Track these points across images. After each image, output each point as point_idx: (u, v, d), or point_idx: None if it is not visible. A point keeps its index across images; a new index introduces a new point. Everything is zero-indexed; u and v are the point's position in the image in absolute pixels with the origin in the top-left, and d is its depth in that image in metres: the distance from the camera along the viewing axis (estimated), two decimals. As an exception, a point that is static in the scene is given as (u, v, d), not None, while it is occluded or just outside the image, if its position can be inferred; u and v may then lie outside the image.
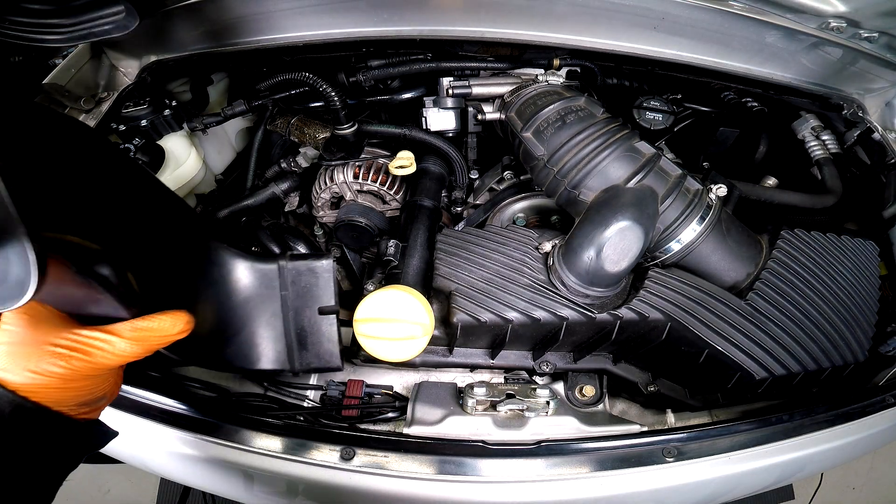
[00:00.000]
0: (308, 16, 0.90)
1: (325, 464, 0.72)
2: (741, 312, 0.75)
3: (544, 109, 0.88)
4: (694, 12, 0.85)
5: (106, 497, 1.91)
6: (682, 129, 1.22)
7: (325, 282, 0.71)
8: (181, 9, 0.87)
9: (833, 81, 1.03)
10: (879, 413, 0.81)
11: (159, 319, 0.57)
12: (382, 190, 1.12)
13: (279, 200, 1.22)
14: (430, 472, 0.72)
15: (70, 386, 0.53)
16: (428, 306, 0.74)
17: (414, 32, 0.91)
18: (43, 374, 0.51)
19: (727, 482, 0.76)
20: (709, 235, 0.80)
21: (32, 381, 0.51)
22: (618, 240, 0.72)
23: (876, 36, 0.84)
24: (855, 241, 0.88)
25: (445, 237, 0.88)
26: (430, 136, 1.08)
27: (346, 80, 1.09)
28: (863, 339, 0.79)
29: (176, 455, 0.77)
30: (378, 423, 0.84)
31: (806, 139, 1.13)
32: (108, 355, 0.54)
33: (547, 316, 0.77)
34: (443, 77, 1.05)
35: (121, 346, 0.54)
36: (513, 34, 0.92)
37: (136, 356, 0.56)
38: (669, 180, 0.81)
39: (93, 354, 0.53)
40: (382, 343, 0.73)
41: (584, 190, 0.81)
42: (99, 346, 0.53)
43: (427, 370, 0.92)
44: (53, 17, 0.75)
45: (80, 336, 0.53)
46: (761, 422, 0.77)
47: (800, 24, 0.84)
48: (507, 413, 0.80)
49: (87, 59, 1.01)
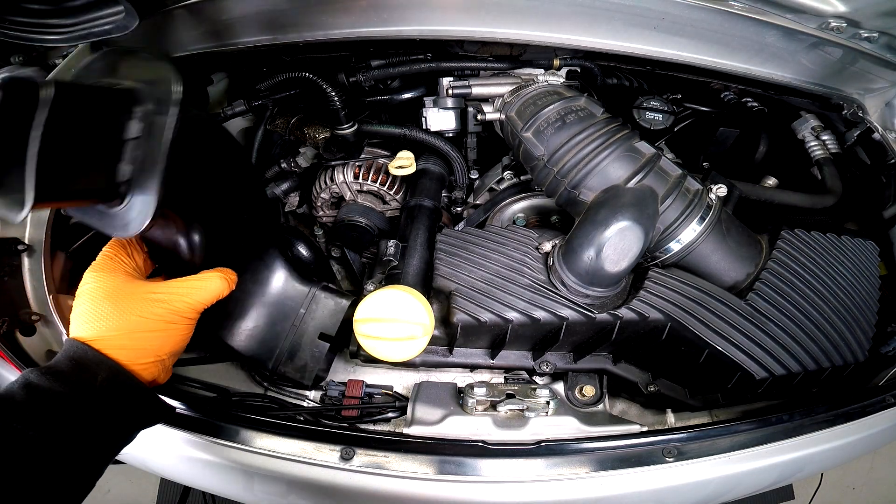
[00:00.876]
0: (308, 16, 0.90)
1: (325, 464, 0.72)
2: (741, 312, 0.75)
3: (544, 109, 0.88)
4: (694, 12, 0.85)
5: (106, 497, 1.91)
6: (682, 129, 1.22)
7: (336, 317, 0.84)
8: (181, 9, 0.87)
9: (833, 81, 1.03)
10: (879, 413, 0.81)
11: (227, 271, 0.67)
12: (382, 190, 1.12)
13: (279, 200, 1.22)
14: (430, 472, 0.72)
15: (170, 331, 0.61)
16: (428, 306, 0.74)
17: (414, 32, 0.91)
18: (147, 317, 0.59)
19: (727, 482, 0.76)
20: (709, 235, 0.80)
21: (137, 328, 0.58)
22: (618, 240, 0.72)
23: (876, 36, 0.84)
24: (855, 241, 0.88)
25: (445, 237, 0.88)
26: (430, 136, 1.08)
27: (346, 80, 1.09)
28: (863, 339, 0.79)
29: (176, 455, 0.77)
30: (378, 423, 0.84)
31: (806, 139, 1.13)
32: (204, 294, 0.63)
33: (547, 316, 0.77)
34: (443, 77, 1.05)
35: (214, 285, 0.64)
36: (513, 34, 0.91)
37: (222, 296, 0.65)
38: (669, 180, 0.81)
39: (191, 295, 0.62)
40: (382, 343, 0.73)
41: (584, 190, 0.81)
42: (196, 287, 0.63)
43: (427, 370, 0.93)
44: (53, 17, 0.74)
45: (174, 283, 0.62)
46: (761, 422, 0.77)
47: (800, 24, 0.84)
48: (507, 413, 0.80)
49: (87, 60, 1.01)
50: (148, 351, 0.60)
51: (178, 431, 0.76)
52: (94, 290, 0.59)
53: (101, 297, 0.59)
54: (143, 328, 0.59)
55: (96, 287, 0.60)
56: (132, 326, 0.58)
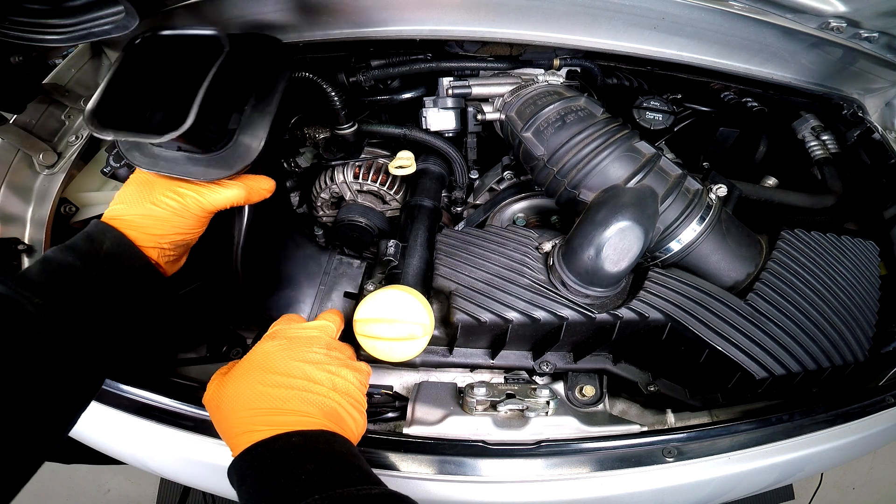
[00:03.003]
0: (307, 16, 0.90)
1: (325, 464, 0.72)
2: (741, 312, 0.75)
3: (544, 109, 0.88)
4: (694, 12, 0.85)
5: (106, 497, 1.91)
6: (682, 129, 1.22)
7: (355, 274, 1.00)
8: (181, 9, 0.87)
9: (833, 81, 1.03)
10: (879, 413, 0.81)
11: (258, 177, 0.73)
12: (382, 190, 1.12)
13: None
14: (430, 472, 0.72)
15: (175, 221, 0.66)
16: (428, 306, 0.74)
17: (414, 32, 0.91)
18: (158, 204, 0.65)
19: (727, 482, 0.76)
20: (709, 235, 0.80)
21: (148, 211, 0.64)
22: (618, 240, 0.72)
23: (876, 36, 0.84)
24: (855, 241, 0.88)
25: (445, 237, 0.88)
26: (430, 136, 1.08)
27: (346, 80, 1.09)
28: (863, 339, 0.79)
29: (176, 455, 0.77)
30: (378, 423, 0.84)
31: (806, 139, 1.13)
32: (217, 198, 0.68)
33: (547, 316, 0.77)
34: (443, 77, 1.05)
35: (231, 192, 0.69)
36: (513, 34, 0.91)
37: (238, 200, 0.71)
38: (669, 180, 0.81)
39: (204, 195, 0.67)
40: (382, 343, 0.73)
41: (584, 190, 0.81)
42: (212, 190, 0.68)
43: (427, 370, 0.92)
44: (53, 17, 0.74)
45: (195, 184, 0.67)
46: (761, 422, 0.77)
47: (800, 24, 0.84)
48: (508, 413, 0.80)
49: (87, 59, 1.01)
50: (149, 234, 0.64)
51: (179, 431, 0.76)
52: (130, 179, 0.68)
53: (130, 182, 0.68)
54: (151, 213, 0.64)
55: (133, 177, 0.69)
56: (142, 209, 0.64)
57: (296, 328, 0.67)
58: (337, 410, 0.59)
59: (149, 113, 0.64)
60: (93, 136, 0.95)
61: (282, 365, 0.60)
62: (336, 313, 0.74)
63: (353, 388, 0.62)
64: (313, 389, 0.58)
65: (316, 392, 0.58)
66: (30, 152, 0.89)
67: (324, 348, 0.64)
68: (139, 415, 0.77)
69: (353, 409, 0.61)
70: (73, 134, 0.95)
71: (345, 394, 0.61)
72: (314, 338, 0.65)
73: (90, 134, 0.95)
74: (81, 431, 0.82)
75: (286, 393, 0.57)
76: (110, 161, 0.92)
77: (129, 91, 0.61)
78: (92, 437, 0.82)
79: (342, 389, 0.61)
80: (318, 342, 0.65)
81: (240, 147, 0.67)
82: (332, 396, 0.59)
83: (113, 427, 0.78)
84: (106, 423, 0.78)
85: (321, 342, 0.65)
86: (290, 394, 0.57)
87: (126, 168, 0.90)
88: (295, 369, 0.59)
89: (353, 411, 0.61)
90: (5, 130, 0.87)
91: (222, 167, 0.66)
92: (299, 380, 0.58)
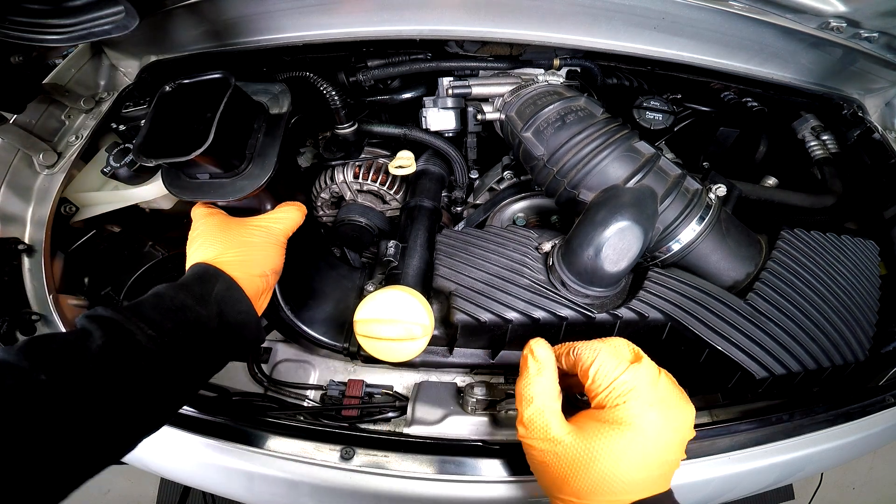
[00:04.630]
0: (308, 16, 0.90)
1: (325, 463, 0.72)
2: (741, 312, 0.75)
3: (544, 109, 0.88)
4: (694, 12, 0.85)
5: (106, 497, 1.91)
6: (682, 129, 1.22)
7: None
8: (181, 9, 0.87)
9: (833, 81, 1.03)
10: (879, 413, 0.81)
11: (298, 204, 0.84)
12: (382, 190, 1.12)
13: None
14: (430, 471, 0.72)
15: (264, 253, 0.75)
16: (428, 306, 0.74)
17: (414, 32, 0.91)
18: (252, 238, 0.75)
19: (727, 482, 0.76)
20: (708, 235, 0.80)
21: (246, 249, 0.73)
22: (617, 240, 0.72)
23: (876, 36, 0.84)
24: (855, 241, 0.88)
25: (445, 237, 0.88)
26: (430, 135, 1.08)
27: (346, 80, 1.09)
28: (863, 339, 0.79)
29: (176, 455, 0.77)
30: (378, 422, 0.84)
31: (806, 139, 1.13)
32: (290, 222, 0.80)
33: (547, 316, 0.77)
34: (443, 77, 1.05)
35: (295, 215, 0.81)
36: (513, 34, 0.92)
37: (301, 219, 0.82)
38: (669, 180, 0.81)
39: (281, 221, 0.79)
40: (382, 343, 0.73)
41: (583, 190, 0.81)
42: (284, 217, 0.80)
43: (427, 370, 0.93)
44: (53, 17, 0.75)
45: (262, 218, 0.79)
46: (761, 422, 0.77)
47: (800, 24, 0.84)
48: (507, 413, 0.80)
49: (87, 59, 1.01)
50: (255, 265, 0.73)
51: (179, 431, 0.76)
52: (207, 226, 0.76)
53: (213, 229, 0.75)
54: (250, 247, 0.74)
55: (208, 223, 0.76)
56: (242, 247, 0.73)
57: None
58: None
59: (182, 143, 0.74)
60: (92, 136, 0.95)
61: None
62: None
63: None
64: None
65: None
66: (30, 152, 0.89)
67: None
68: (139, 415, 0.77)
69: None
70: (73, 134, 0.96)
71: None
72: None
73: (90, 134, 0.95)
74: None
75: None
76: (110, 161, 0.92)
77: (164, 128, 0.75)
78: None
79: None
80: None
81: (257, 166, 0.80)
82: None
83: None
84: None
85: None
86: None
87: (126, 168, 0.91)
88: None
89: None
90: (5, 130, 0.87)
91: (249, 180, 0.79)
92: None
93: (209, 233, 0.75)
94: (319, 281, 1.02)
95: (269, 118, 0.86)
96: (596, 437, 0.55)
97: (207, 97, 0.76)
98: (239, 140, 0.80)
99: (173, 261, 0.96)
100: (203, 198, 0.80)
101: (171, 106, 0.78)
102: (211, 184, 0.80)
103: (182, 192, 0.80)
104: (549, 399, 0.59)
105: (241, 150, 0.80)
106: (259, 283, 0.73)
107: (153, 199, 0.97)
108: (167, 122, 0.76)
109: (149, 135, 0.74)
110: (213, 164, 0.76)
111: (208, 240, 0.74)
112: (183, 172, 0.80)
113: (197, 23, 0.92)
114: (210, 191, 0.80)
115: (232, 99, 0.74)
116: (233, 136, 0.78)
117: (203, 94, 0.77)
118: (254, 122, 0.84)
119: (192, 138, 0.70)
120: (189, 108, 0.78)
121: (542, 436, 0.57)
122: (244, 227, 0.76)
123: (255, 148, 0.82)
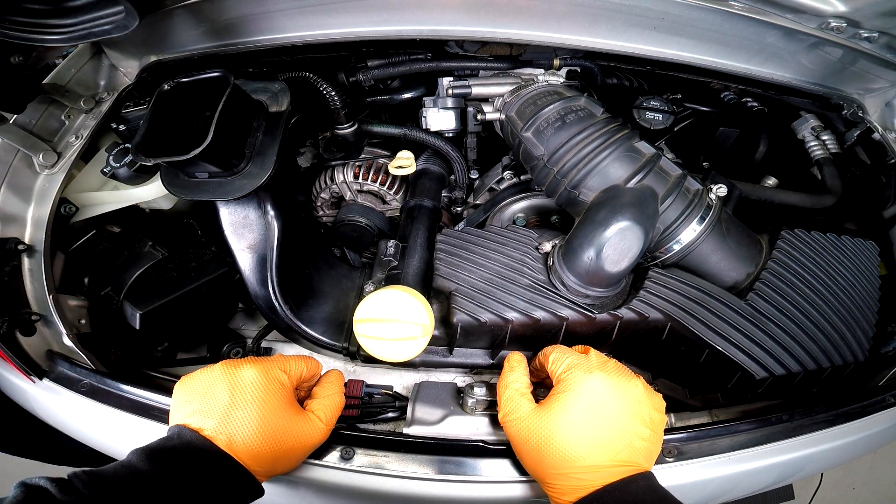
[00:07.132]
0: (308, 16, 0.90)
1: (324, 463, 0.72)
2: (741, 312, 0.75)
3: (544, 109, 0.88)
4: (694, 12, 0.85)
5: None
6: (682, 129, 1.22)
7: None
8: (181, 9, 0.87)
9: (833, 81, 1.03)
10: (879, 413, 0.81)
11: (335, 386, 0.75)
12: (382, 190, 1.12)
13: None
14: (430, 472, 0.72)
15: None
16: (428, 306, 0.74)
17: (414, 32, 0.91)
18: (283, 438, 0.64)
19: (727, 482, 0.75)
20: (709, 235, 0.80)
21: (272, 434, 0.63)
22: (618, 240, 0.72)
23: (876, 36, 0.84)
24: (855, 241, 0.88)
25: (445, 237, 0.88)
26: (430, 135, 1.08)
27: (346, 80, 1.09)
28: (863, 339, 0.79)
29: (176, 455, 0.77)
30: (378, 423, 0.84)
31: (806, 139, 1.13)
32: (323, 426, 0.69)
33: (547, 316, 0.77)
34: (443, 77, 1.05)
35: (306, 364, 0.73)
36: (513, 34, 0.91)
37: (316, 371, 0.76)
38: (669, 180, 0.81)
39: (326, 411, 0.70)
40: (382, 343, 0.73)
41: (583, 190, 0.81)
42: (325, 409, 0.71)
43: (427, 370, 0.92)
44: (53, 17, 0.74)
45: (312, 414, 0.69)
46: (761, 422, 0.77)
47: (800, 24, 0.84)
48: (507, 413, 0.80)
49: (87, 59, 1.01)
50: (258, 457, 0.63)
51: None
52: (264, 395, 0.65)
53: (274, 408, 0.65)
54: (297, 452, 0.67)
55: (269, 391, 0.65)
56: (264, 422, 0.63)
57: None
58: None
59: (181, 142, 0.73)
60: (92, 136, 0.95)
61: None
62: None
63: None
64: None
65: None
66: (30, 152, 0.89)
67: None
68: (139, 414, 0.77)
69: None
70: (73, 134, 0.95)
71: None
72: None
73: (90, 134, 0.95)
74: (81, 431, 0.82)
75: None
76: (110, 161, 0.92)
77: (163, 127, 0.75)
78: (92, 437, 0.82)
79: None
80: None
81: (256, 165, 0.79)
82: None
83: (113, 427, 0.78)
84: (106, 423, 0.78)
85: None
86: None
87: (126, 168, 0.91)
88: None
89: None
90: (5, 130, 0.87)
91: (248, 179, 0.79)
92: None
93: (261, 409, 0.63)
94: (319, 281, 1.01)
95: (269, 117, 0.86)
96: (549, 404, 0.64)
97: (206, 96, 0.75)
98: (238, 139, 0.80)
99: (173, 261, 0.96)
100: (202, 196, 0.79)
101: (170, 105, 0.77)
102: (210, 182, 0.80)
103: (181, 191, 0.80)
104: (520, 385, 0.70)
105: (240, 149, 0.80)
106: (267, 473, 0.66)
107: (153, 199, 0.97)
108: (166, 120, 0.76)
109: (147, 133, 0.73)
110: (212, 165, 0.76)
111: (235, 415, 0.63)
112: (182, 171, 0.80)
113: (197, 23, 0.92)
114: (209, 190, 0.79)
115: (231, 97, 0.73)
116: (232, 134, 0.78)
117: (202, 93, 0.77)
118: (253, 120, 0.83)
119: (191, 137, 0.70)
120: (188, 106, 0.78)
121: (515, 413, 0.66)
122: (302, 421, 0.66)
123: (255, 147, 0.81)
